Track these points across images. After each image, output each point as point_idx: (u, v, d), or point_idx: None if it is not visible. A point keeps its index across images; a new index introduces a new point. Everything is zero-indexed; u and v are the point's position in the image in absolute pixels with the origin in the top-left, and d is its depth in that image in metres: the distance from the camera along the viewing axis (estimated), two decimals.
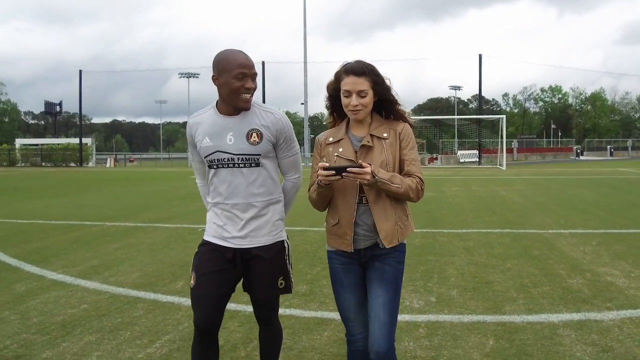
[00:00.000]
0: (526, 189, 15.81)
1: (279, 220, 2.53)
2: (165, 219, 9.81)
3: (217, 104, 2.48)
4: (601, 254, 6.26)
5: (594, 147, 72.46)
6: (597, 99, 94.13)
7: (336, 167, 2.18)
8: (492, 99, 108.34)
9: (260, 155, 2.42)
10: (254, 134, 2.41)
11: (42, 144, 54.09)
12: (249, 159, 2.41)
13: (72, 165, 47.79)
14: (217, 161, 2.43)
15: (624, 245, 6.78)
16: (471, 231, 7.99)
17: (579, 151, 59.22)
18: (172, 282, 5.26)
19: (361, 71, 2.27)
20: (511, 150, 51.60)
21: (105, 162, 52.68)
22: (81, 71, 49.10)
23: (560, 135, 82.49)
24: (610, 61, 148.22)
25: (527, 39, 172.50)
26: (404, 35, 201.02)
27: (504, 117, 38.08)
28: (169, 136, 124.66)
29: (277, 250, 2.50)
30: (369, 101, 2.31)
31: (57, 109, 79.67)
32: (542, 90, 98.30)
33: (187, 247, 6.90)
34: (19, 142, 57.31)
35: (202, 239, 2.55)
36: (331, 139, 2.41)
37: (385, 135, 2.34)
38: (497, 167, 35.22)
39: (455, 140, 56.80)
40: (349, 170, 2.16)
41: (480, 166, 38.41)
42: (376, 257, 2.35)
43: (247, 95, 2.36)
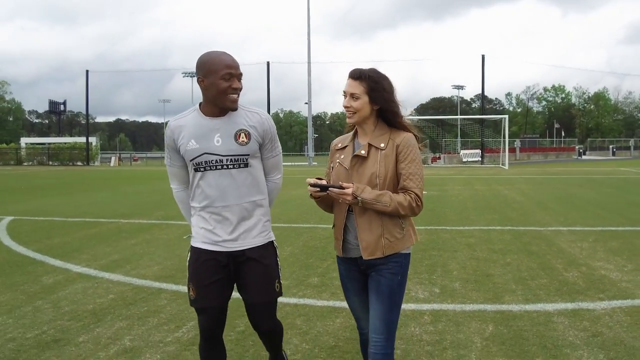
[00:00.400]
0: (528, 188, 16.08)
1: (267, 220, 2.54)
2: (177, 216, 10.06)
3: (200, 106, 2.45)
4: (597, 249, 6.56)
5: (596, 146, 72.55)
6: (600, 98, 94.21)
7: (320, 185, 2.26)
8: (495, 99, 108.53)
9: (249, 155, 2.42)
10: (242, 134, 2.40)
11: (48, 143, 54.53)
12: (238, 159, 2.40)
13: (79, 164, 48.17)
14: (204, 163, 2.39)
15: (619, 241, 7.08)
16: (473, 228, 8.29)
17: (581, 151, 59.42)
18: None
19: (358, 75, 2.32)
20: (514, 149, 51.84)
21: (109, 161, 52.77)
22: (88, 71, 49.68)
23: (563, 134, 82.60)
24: (614, 60, 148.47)
25: (530, 38, 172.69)
26: (407, 34, 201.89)
27: (507, 117, 38.33)
28: None
29: (270, 251, 2.51)
30: (362, 106, 2.33)
31: (61, 108, 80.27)
32: (545, 89, 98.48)
33: None
34: (24, 141, 57.79)
35: (191, 245, 2.51)
36: (340, 145, 2.49)
37: (382, 145, 2.33)
38: (500, 166, 35.49)
39: (458, 139, 56.97)
40: (330, 190, 2.25)
41: (482, 165, 38.69)
42: (372, 267, 2.37)
43: (234, 95, 2.35)
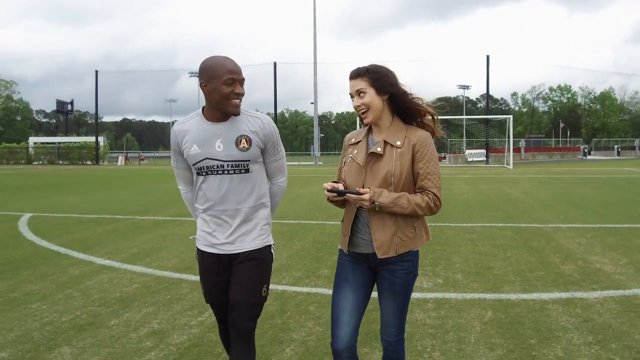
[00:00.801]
0: (531, 187, 16.35)
1: (266, 224, 2.55)
2: (190, 213, 10.45)
3: (202, 110, 2.46)
4: (594, 245, 6.86)
5: (601, 146, 72.55)
6: (606, 98, 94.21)
7: (337, 191, 2.28)
8: (501, 98, 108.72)
9: (249, 161, 2.43)
10: (243, 140, 2.40)
11: (57, 142, 55.09)
12: (239, 165, 2.42)
13: (88, 163, 48.67)
14: (206, 168, 2.43)
15: (616, 237, 7.37)
16: (476, 225, 8.60)
17: (586, 151, 59.50)
18: None
19: (356, 73, 2.33)
20: (518, 149, 51.99)
21: (116, 161, 53.13)
22: (97, 72, 50.16)
23: (569, 134, 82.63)
24: (620, 60, 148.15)
25: (536, 38, 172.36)
26: (414, 34, 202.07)
27: (511, 117, 38.52)
28: None
29: (265, 254, 2.52)
30: (371, 99, 2.31)
31: (69, 107, 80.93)
32: (551, 89, 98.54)
33: None
34: (32, 140, 58.39)
35: (197, 247, 2.61)
36: (353, 140, 2.46)
37: (398, 143, 2.31)
38: (504, 166, 35.72)
39: (463, 139, 57.20)
40: (347, 195, 2.27)
41: (487, 165, 38.90)
42: (384, 265, 2.35)
43: (236, 100, 2.36)
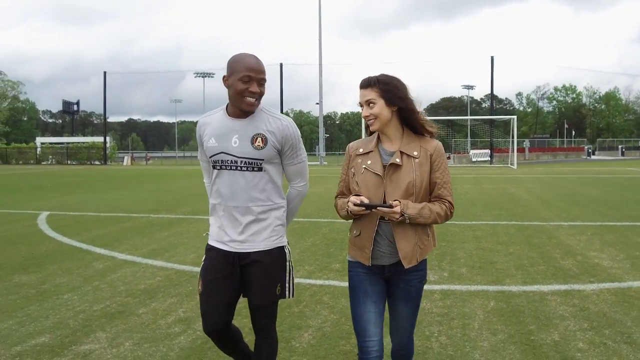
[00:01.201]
0: (534, 187, 16.60)
1: (279, 225, 2.52)
2: (203, 211, 10.76)
3: (227, 106, 2.51)
4: (594, 242, 7.14)
5: (606, 146, 72.57)
6: (611, 98, 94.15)
7: (367, 205, 2.26)
8: (505, 98, 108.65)
9: (263, 160, 2.42)
10: (259, 139, 2.41)
11: (66, 143, 55.55)
12: (252, 163, 2.42)
13: (97, 163, 49.02)
14: (220, 162, 2.45)
15: (615, 235, 7.65)
16: (480, 223, 8.88)
17: (590, 151, 59.61)
18: None
19: (367, 83, 2.34)
20: (523, 149, 52.19)
21: (122, 161, 53.25)
22: (105, 72, 50.68)
23: (573, 134, 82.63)
24: (626, 60, 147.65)
25: (542, 37, 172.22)
26: (418, 34, 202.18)
27: (515, 117, 38.73)
28: (184, 135, 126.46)
29: (276, 255, 2.50)
30: (380, 110, 2.32)
31: (75, 108, 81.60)
32: (556, 89, 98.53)
33: None
34: (39, 140, 58.89)
35: (207, 243, 2.60)
36: (361, 150, 2.43)
37: (415, 153, 2.33)
38: (509, 166, 35.93)
39: (467, 139, 57.43)
40: (378, 209, 2.25)
41: (491, 165, 39.12)
42: (399, 275, 2.39)
43: (251, 98, 2.36)
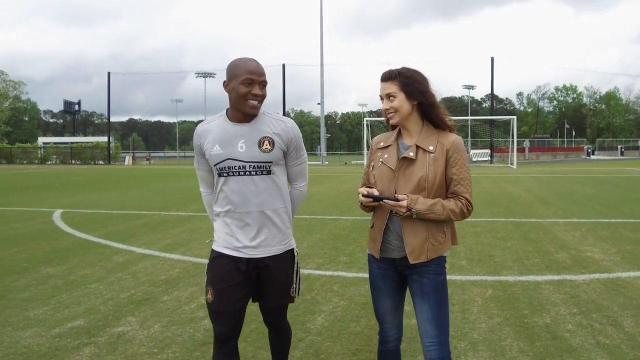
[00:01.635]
0: (533, 186, 16.96)
1: (288, 228, 2.55)
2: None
3: (227, 112, 2.48)
4: (587, 237, 7.50)
5: (605, 146, 72.88)
6: (611, 98, 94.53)
7: (374, 196, 2.28)
8: (506, 98, 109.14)
9: (272, 162, 2.43)
10: (266, 142, 2.41)
11: (70, 143, 55.76)
12: (261, 166, 2.41)
13: (100, 162, 49.23)
14: (227, 169, 2.41)
15: (609, 231, 8.01)
16: (479, 220, 9.23)
17: (589, 150, 59.96)
18: None
19: (388, 76, 2.34)
20: (523, 149, 52.53)
21: (123, 160, 53.23)
22: (109, 73, 51.10)
23: (574, 134, 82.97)
24: (627, 60, 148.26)
25: (543, 37, 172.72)
26: (420, 34, 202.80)
27: (515, 118, 39.08)
28: (184, 135, 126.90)
29: (289, 259, 2.53)
30: (400, 104, 2.32)
31: (76, 108, 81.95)
32: (557, 89, 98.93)
33: None
34: (41, 140, 59.10)
35: (212, 249, 2.54)
36: (382, 144, 2.45)
37: (431, 147, 2.31)
38: (508, 165, 36.27)
39: (468, 139, 57.75)
40: (384, 201, 2.26)
41: (492, 165, 39.45)
42: (411, 269, 2.35)
43: (254, 101, 2.36)
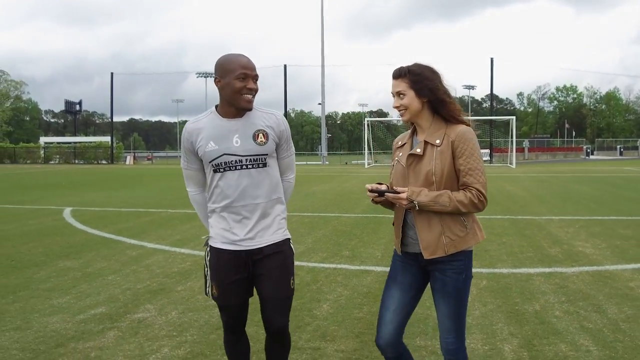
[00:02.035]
0: (531, 185, 17.27)
1: (283, 218, 2.58)
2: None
3: (216, 108, 2.50)
4: (580, 233, 7.81)
5: (605, 146, 73.14)
6: (611, 98, 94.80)
7: (378, 191, 2.31)
8: (506, 98, 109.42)
9: (267, 154, 2.47)
10: (260, 135, 2.45)
11: (73, 142, 55.96)
12: (257, 159, 2.45)
13: (103, 162, 49.50)
14: (224, 164, 2.44)
15: (602, 227, 8.32)
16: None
17: (589, 151, 60.26)
18: None
19: (398, 73, 2.35)
20: (522, 149, 52.83)
21: (124, 160, 53.39)
22: (113, 74, 51.51)
23: (574, 134, 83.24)
24: (627, 60, 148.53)
25: (543, 37, 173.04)
26: (421, 34, 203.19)
27: (514, 118, 39.43)
28: None
29: (286, 248, 2.55)
30: (410, 101, 2.33)
31: (77, 107, 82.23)
32: (557, 89, 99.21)
33: None
34: (43, 140, 59.33)
35: (210, 246, 2.57)
36: (399, 143, 2.49)
37: (437, 141, 2.30)
38: (508, 165, 36.59)
39: None
40: (386, 195, 2.29)
41: (491, 164, 39.73)
42: (434, 265, 2.34)
43: (249, 95, 2.39)
